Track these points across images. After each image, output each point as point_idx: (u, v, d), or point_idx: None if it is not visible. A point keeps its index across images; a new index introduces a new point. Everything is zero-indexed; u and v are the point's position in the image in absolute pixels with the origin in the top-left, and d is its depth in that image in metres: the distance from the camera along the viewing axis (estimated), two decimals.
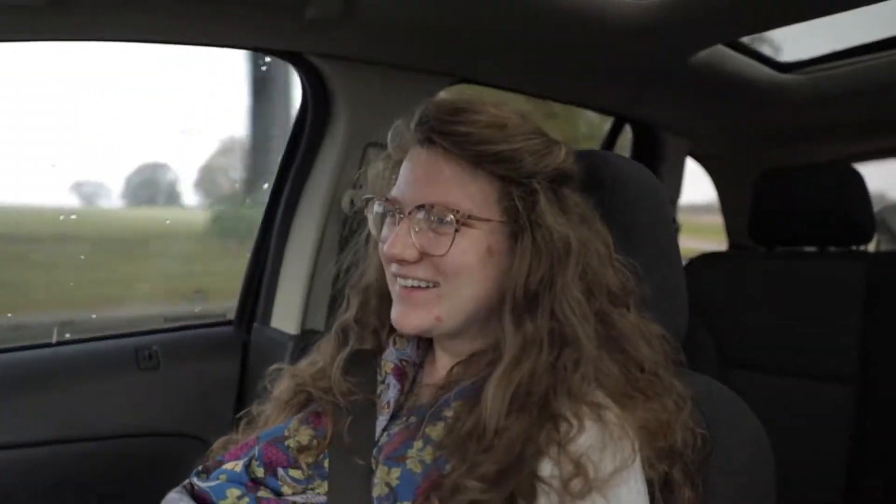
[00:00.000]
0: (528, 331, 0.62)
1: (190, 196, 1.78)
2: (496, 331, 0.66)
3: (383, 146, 0.74)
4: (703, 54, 1.49)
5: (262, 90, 1.61)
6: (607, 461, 0.58)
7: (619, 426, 0.59)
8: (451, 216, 0.63)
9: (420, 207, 0.64)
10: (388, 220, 0.70)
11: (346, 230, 1.31)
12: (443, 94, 1.39)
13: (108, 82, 1.37)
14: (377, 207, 0.71)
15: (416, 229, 0.65)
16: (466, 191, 0.64)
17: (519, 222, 0.64)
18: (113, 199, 1.67)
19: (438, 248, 0.64)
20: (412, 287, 0.66)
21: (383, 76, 1.28)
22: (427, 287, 0.66)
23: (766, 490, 0.75)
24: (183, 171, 1.72)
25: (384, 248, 0.67)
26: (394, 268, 0.67)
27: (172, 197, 1.77)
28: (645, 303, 0.68)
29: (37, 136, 1.37)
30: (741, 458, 0.71)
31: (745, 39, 1.66)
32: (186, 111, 1.52)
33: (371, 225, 0.72)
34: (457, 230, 0.63)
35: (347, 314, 0.79)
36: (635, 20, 1.25)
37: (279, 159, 1.40)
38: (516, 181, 0.64)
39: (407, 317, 0.67)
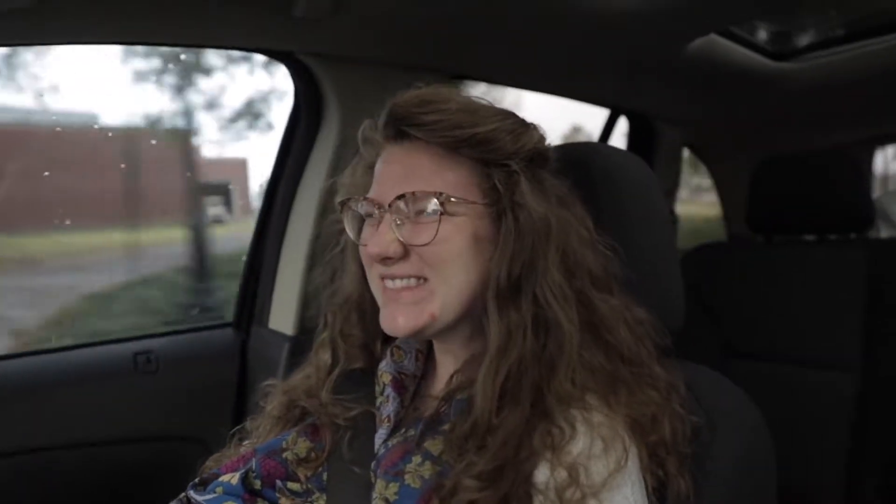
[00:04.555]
0: (513, 318, 0.61)
1: None
2: (489, 326, 0.64)
3: None
4: (698, 44, 1.49)
5: None
6: (600, 466, 0.57)
7: (609, 427, 0.59)
8: (435, 200, 0.61)
9: (400, 197, 0.62)
10: (367, 221, 0.68)
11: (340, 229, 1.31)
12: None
13: None
14: (355, 209, 0.68)
15: (398, 223, 0.63)
16: (445, 178, 0.63)
17: (501, 205, 0.63)
18: None
19: (423, 237, 0.62)
20: (401, 288, 0.64)
21: (375, 74, 1.27)
22: (417, 285, 0.64)
23: (767, 479, 0.74)
24: None
25: (366, 249, 0.64)
26: (379, 269, 0.65)
27: None
28: (633, 288, 0.67)
29: None
30: (740, 447, 0.71)
31: (739, 28, 1.65)
32: None
33: (348, 228, 0.70)
34: (441, 214, 0.61)
35: (326, 333, 0.77)
36: (629, 10, 1.24)
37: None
38: (495, 163, 0.63)
39: (399, 319, 0.64)
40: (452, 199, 0.62)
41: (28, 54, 1.75)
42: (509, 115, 0.66)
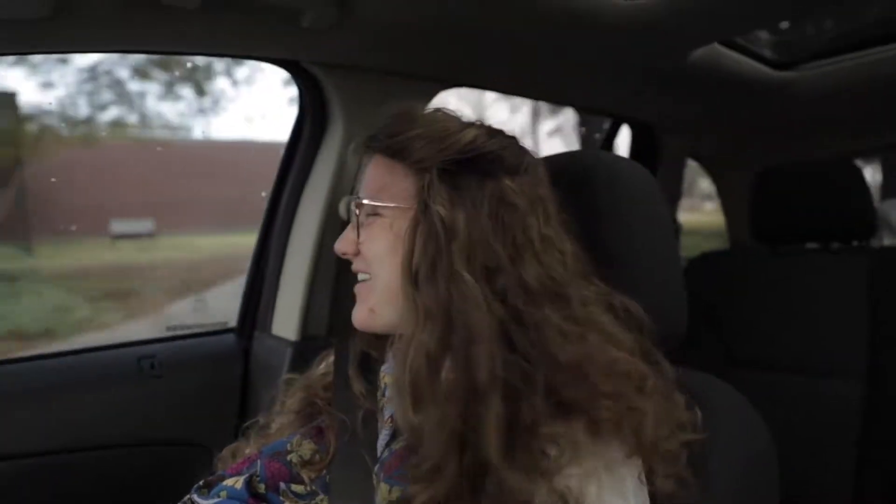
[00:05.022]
0: (418, 307, 0.63)
1: None
2: None
3: None
4: (700, 53, 1.49)
5: None
6: (593, 487, 0.57)
7: (596, 446, 0.58)
8: (359, 206, 0.69)
9: (356, 206, 0.70)
10: None
11: None
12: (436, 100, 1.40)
13: None
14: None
15: (359, 225, 0.70)
16: (381, 183, 0.69)
17: (417, 208, 0.66)
18: None
19: (358, 238, 0.70)
20: (361, 283, 0.71)
21: (380, 83, 1.28)
22: (367, 280, 0.70)
23: (769, 485, 0.74)
24: None
25: None
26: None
27: None
28: (636, 296, 0.67)
29: None
30: (742, 452, 0.71)
31: (742, 38, 1.66)
32: None
33: None
34: (367, 217, 0.69)
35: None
36: (631, 20, 1.25)
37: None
38: (420, 168, 0.67)
39: (354, 313, 0.71)
40: (367, 203, 0.69)
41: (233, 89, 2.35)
42: (439, 120, 0.69)
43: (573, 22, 1.24)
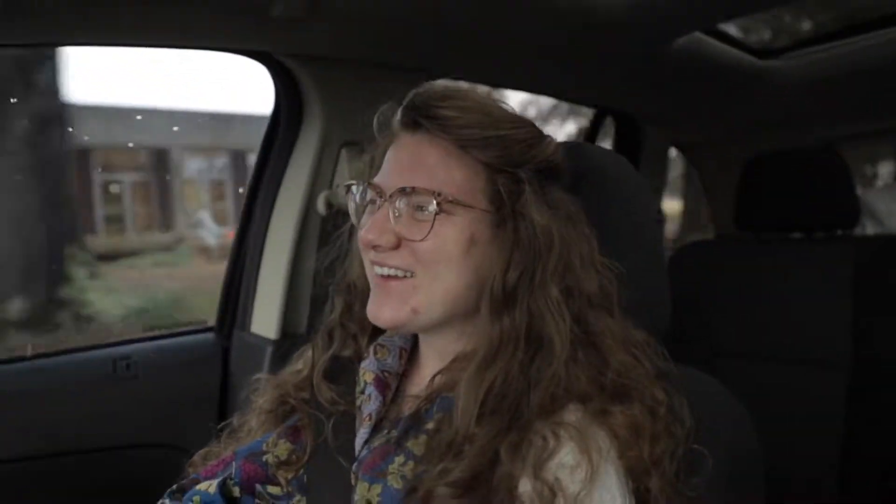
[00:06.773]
0: (505, 327, 0.60)
1: None
2: (480, 330, 0.63)
3: (358, 145, 0.72)
4: (683, 42, 1.48)
5: None
6: (580, 479, 0.56)
7: (591, 440, 0.57)
8: (433, 200, 0.60)
9: (401, 191, 0.62)
10: (369, 207, 0.67)
11: (323, 231, 1.29)
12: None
13: None
14: (359, 193, 0.68)
15: (397, 214, 0.62)
16: (451, 176, 0.62)
17: (502, 212, 0.62)
18: None
19: (417, 233, 0.61)
20: (388, 276, 0.64)
21: (356, 74, 1.25)
22: (403, 276, 0.63)
23: (754, 476, 0.74)
24: None
25: (362, 233, 0.64)
26: (371, 254, 0.65)
27: None
28: (627, 300, 0.66)
29: None
30: (726, 445, 0.70)
31: (725, 26, 1.65)
32: None
33: (351, 213, 0.69)
34: (437, 215, 0.60)
35: (332, 316, 0.76)
36: (613, 9, 1.23)
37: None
38: (503, 170, 0.62)
39: (381, 308, 0.64)
40: (451, 201, 0.61)
41: None
42: (525, 124, 0.65)
43: (556, 12, 1.21)
